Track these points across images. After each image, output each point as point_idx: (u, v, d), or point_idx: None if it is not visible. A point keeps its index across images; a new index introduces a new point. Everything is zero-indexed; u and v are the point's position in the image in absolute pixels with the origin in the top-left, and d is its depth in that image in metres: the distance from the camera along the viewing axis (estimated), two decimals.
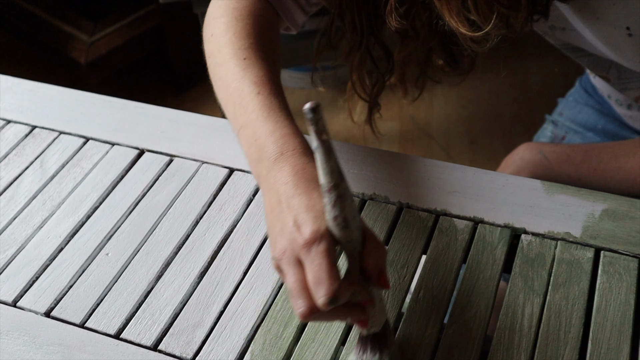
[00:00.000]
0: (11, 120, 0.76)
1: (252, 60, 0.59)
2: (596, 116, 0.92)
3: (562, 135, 0.93)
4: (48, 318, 0.58)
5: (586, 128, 0.92)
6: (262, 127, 0.54)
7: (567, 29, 0.67)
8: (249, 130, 0.55)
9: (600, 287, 0.55)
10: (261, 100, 0.56)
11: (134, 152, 0.71)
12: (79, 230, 0.64)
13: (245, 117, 0.56)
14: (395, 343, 0.50)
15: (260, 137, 0.54)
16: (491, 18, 0.51)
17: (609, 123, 0.90)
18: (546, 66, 1.83)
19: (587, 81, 0.94)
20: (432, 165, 0.66)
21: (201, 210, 0.64)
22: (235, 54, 0.60)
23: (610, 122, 0.90)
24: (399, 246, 0.59)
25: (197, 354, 0.54)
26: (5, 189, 0.69)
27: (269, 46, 0.63)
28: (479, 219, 0.61)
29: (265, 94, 0.57)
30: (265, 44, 0.63)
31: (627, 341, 0.51)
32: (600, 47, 0.65)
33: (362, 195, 0.64)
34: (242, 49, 0.60)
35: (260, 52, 0.61)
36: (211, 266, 0.60)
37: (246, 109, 0.56)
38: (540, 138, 0.97)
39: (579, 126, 0.92)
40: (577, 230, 0.59)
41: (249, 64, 0.59)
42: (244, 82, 0.58)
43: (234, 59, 0.60)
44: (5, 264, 0.62)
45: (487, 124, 1.73)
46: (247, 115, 0.56)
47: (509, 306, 0.54)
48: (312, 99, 1.85)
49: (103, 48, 1.71)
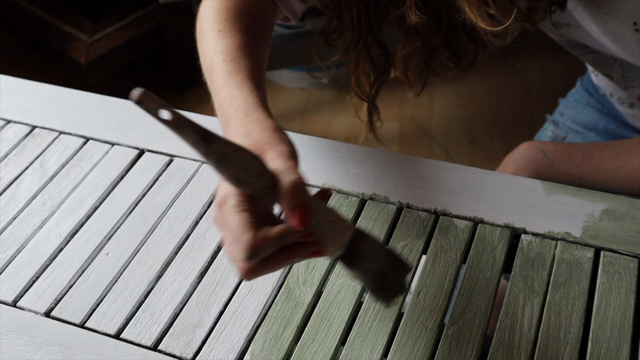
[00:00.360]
0: (11, 120, 0.76)
1: (225, 31, 0.61)
2: (597, 116, 0.91)
3: (563, 136, 0.93)
4: (48, 318, 0.58)
5: (587, 128, 0.92)
6: (221, 94, 0.55)
7: (572, 25, 0.67)
8: (215, 99, 0.56)
9: (600, 287, 0.55)
10: (224, 67, 0.57)
11: (134, 152, 0.71)
12: (79, 230, 0.64)
13: (214, 86, 0.57)
14: (374, 253, 0.48)
15: (222, 104, 0.54)
16: (512, 12, 0.52)
17: (610, 123, 0.90)
18: (546, 66, 1.83)
19: (588, 81, 0.94)
20: (432, 165, 0.66)
21: (201, 210, 0.64)
22: (212, 27, 0.61)
23: (612, 122, 0.90)
24: (399, 246, 0.59)
25: (197, 354, 0.54)
26: (5, 189, 0.69)
27: (248, 20, 0.64)
28: (479, 219, 0.61)
29: (228, 60, 0.57)
30: (244, 17, 0.63)
31: (627, 341, 0.51)
32: (606, 43, 0.65)
33: (362, 195, 0.64)
34: (218, 22, 0.62)
35: (236, 25, 0.62)
36: (211, 266, 0.60)
37: (213, 77, 0.57)
38: (541, 138, 0.97)
39: (580, 126, 0.92)
40: (577, 230, 0.59)
41: (222, 35, 0.60)
42: (215, 52, 0.59)
43: (210, 32, 0.61)
44: (5, 264, 0.62)
45: (487, 124, 1.73)
46: (215, 84, 0.57)
47: (509, 306, 0.54)
48: (312, 99, 1.85)
49: (103, 48, 1.71)
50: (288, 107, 1.83)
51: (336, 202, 0.63)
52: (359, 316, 0.55)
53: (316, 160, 0.68)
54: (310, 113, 1.80)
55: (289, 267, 0.59)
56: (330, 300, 0.56)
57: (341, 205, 0.63)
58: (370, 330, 0.54)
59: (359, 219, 0.62)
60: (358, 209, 0.63)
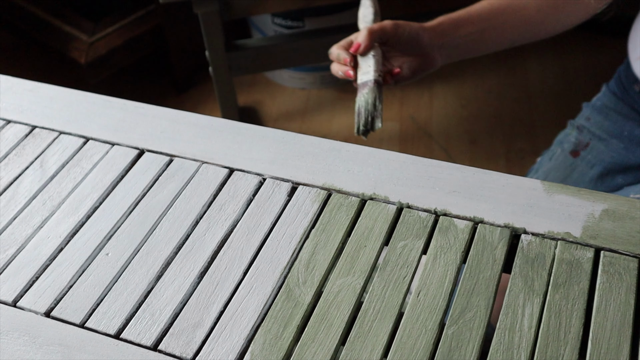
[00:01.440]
0: (11, 120, 0.76)
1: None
2: (623, 122, 0.91)
3: (586, 142, 0.93)
4: (48, 318, 0.58)
5: (612, 135, 0.91)
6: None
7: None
8: None
9: (600, 287, 0.55)
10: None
11: (134, 152, 0.71)
12: (79, 230, 0.64)
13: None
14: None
15: None
16: None
17: (636, 128, 0.90)
18: (546, 66, 1.83)
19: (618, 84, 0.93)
20: (432, 165, 0.66)
21: (201, 210, 0.65)
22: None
23: (637, 127, 0.90)
24: (399, 246, 0.59)
25: (197, 354, 0.54)
26: (5, 189, 0.69)
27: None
28: (479, 219, 0.61)
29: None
30: None
31: (627, 341, 0.51)
32: None
33: (362, 195, 0.64)
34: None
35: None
36: (211, 266, 0.60)
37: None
38: (563, 144, 0.96)
39: (605, 133, 0.92)
40: (577, 230, 0.59)
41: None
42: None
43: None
44: (5, 264, 0.62)
45: (487, 124, 1.73)
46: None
47: (509, 306, 0.54)
48: (312, 98, 1.86)
49: (103, 48, 1.71)
50: (288, 107, 1.83)
51: (336, 202, 0.63)
52: (359, 316, 0.55)
53: (316, 160, 0.68)
54: (310, 113, 1.80)
55: (289, 267, 0.59)
56: (330, 300, 0.56)
57: (341, 205, 0.63)
58: (370, 330, 0.54)
59: (359, 219, 0.62)
60: (358, 209, 0.63)
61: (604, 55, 1.87)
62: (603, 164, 0.91)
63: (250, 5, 1.39)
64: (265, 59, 1.48)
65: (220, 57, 1.41)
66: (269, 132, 0.71)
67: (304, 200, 0.64)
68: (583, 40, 1.91)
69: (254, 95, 1.87)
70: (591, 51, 1.89)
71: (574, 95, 1.76)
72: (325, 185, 0.65)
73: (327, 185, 0.65)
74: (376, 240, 0.60)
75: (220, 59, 1.41)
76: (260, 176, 0.67)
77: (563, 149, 0.96)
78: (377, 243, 0.60)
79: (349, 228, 0.61)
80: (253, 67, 1.50)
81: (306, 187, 0.65)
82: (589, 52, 1.89)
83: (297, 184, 0.66)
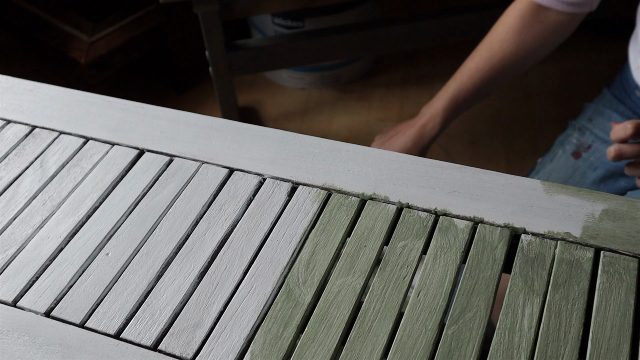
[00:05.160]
0: (11, 120, 0.76)
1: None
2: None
3: (589, 144, 0.93)
4: (48, 318, 0.58)
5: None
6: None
7: None
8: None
9: (600, 287, 0.55)
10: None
11: (134, 152, 0.71)
12: (79, 230, 0.64)
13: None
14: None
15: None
16: None
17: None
18: (546, 66, 1.83)
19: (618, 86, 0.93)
20: (432, 165, 0.66)
21: (201, 210, 0.65)
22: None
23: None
24: (399, 246, 0.59)
25: (197, 354, 0.54)
26: (5, 189, 0.69)
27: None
28: (479, 219, 0.61)
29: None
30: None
31: (627, 341, 0.51)
32: None
33: (362, 195, 0.64)
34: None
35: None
36: (211, 266, 0.60)
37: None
38: (565, 145, 0.95)
39: (607, 134, 0.91)
40: (577, 230, 0.59)
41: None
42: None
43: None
44: (5, 264, 0.62)
45: (487, 124, 1.74)
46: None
47: (509, 306, 0.54)
48: (312, 98, 1.86)
49: (103, 48, 1.71)
50: (288, 107, 1.83)
51: (336, 202, 0.63)
52: (359, 316, 0.55)
53: (316, 160, 0.68)
54: (310, 113, 1.80)
55: (289, 267, 0.59)
56: (330, 300, 0.56)
57: (341, 205, 0.63)
58: (370, 330, 0.54)
59: (359, 219, 0.62)
60: (358, 209, 0.63)
61: (604, 55, 1.87)
62: (605, 166, 0.91)
63: (250, 5, 1.39)
64: (265, 59, 1.48)
65: (220, 57, 1.41)
66: (269, 132, 0.71)
67: (304, 200, 0.64)
68: (583, 40, 1.91)
69: (254, 95, 1.87)
70: (591, 51, 1.89)
71: (574, 95, 1.77)
72: (325, 185, 0.65)
73: (327, 185, 0.65)
74: (376, 240, 0.60)
75: (220, 59, 1.41)
76: (260, 176, 0.67)
77: (564, 150, 0.95)
78: (377, 243, 0.60)
79: (349, 228, 0.61)
80: (253, 67, 1.50)
81: (306, 187, 0.65)
82: (589, 52, 1.89)
83: (297, 184, 0.66)
